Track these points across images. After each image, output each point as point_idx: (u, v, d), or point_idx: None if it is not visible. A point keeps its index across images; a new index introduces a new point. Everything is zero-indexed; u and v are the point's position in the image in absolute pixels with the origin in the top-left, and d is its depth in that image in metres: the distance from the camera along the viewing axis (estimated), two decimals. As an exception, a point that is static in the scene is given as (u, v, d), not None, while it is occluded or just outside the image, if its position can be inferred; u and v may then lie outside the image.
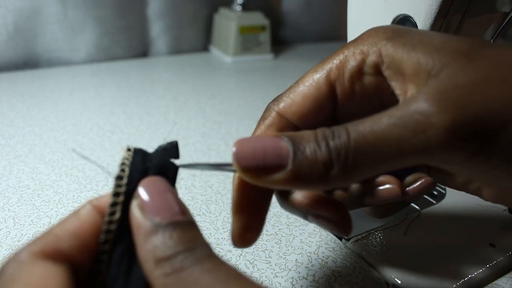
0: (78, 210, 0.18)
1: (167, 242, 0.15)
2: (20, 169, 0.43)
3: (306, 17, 1.01)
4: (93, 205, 0.18)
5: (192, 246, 0.15)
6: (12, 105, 0.59)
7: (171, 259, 0.15)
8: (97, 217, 0.18)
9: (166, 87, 0.69)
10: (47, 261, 0.15)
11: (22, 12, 0.71)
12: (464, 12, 0.31)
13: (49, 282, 0.15)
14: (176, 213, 0.16)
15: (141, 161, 0.18)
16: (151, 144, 0.50)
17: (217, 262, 0.15)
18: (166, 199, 0.17)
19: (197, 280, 0.15)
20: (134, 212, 0.17)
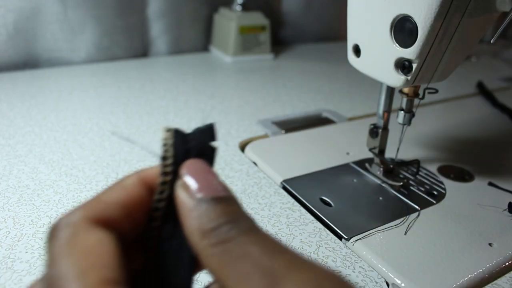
0: (123, 180, 0.18)
1: (210, 214, 0.16)
2: (20, 169, 0.43)
3: (306, 17, 1.01)
4: (139, 177, 0.18)
5: (236, 218, 0.16)
6: (12, 105, 0.59)
7: (216, 230, 0.16)
8: (142, 189, 0.18)
9: (166, 87, 0.69)
10: (100, 228, 0.16)
11: (22, 12, 0.71)
12: (464, 12, 0.31)
13: (104, 250, 0.15)
14: (217, 190, 0.17)
15: (182, 142, 0.19)
16: (151, 144, 0.50)
17: (262, 234, 0.16)
18: (207, 178, 0.17)
19: (245, 250, 0.15)
20: (178, 192, 0.17)
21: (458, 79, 0.82)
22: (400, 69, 0.34)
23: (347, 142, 0.52)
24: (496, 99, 0.70)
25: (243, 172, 0.44)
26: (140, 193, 0.18)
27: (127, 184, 0.18)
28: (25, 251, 0.32)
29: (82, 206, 0.16)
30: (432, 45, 0.32)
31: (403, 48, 0.33)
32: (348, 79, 0.78)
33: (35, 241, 0.33)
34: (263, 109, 0.62)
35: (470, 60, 0.95)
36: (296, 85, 0.73)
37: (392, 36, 0.34)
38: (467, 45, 0.34)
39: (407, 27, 0.32)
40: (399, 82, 0.35)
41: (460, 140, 0.56)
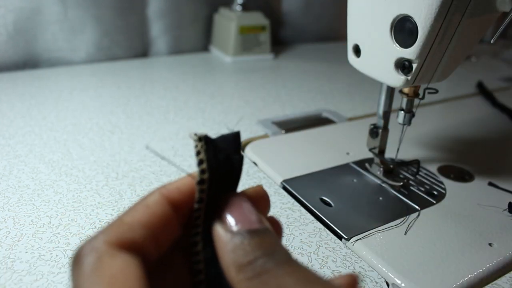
0: (146, 198, 0.17)
1: (246, 248, 0.16)
2: (20, 169, 0.43)
3: (306, 17, 1.01)
4: (162, 194, 0.18)
5: (271, 250, 0.16)
6: (12, 105, 0.59)
7: (252, 264, 0.16)
8: (166, 207, 0.17)
9: (166, 87, 0.69)
10: (124, 252, 0.15)
11: (22, 12, 0.71)
12: (464, 12, 0.31)
13: (130, 276, 0.15)
14: (253, 222, 0.17)
15: (214, 155, 0.18)
16: (151, 144, 0.50)
17: (297, 265, 0.16)
18: (242, 211, 0.17)
19: (280, 282, 0.15)
20: (215, 227, 0.17)
21: (458, 79, 0.82)
22: (400, 69, 0.34)
23: (347, 142, 0.52)
24: (496, 99, 0.70)
25: (243, 172, 0.44)
26: (163, 211, 0.17)
27: (150, 203, 0.17)
28: (25, 251, 0.32)
29: (105, 230, 0.16)
30: (432, 45, 0.32)
31: (403, 48, 0.33)
32: (348, 79, 0.78)
33: (35, 241, 0.33)
34: (263, 109, 0.62)
35: (470, 60, 0.95)
36: (296, 85, 0.73)
37: (392, 36, 0.34)
38: (467, 45, 0.34)
39: (407, 27, 0.32)
40: (399, 82, 0.35)
41: (460, 140, 0.56)
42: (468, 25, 0.32)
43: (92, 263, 0.15)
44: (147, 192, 0.18)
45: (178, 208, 0.18)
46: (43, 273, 0.30)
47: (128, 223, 0.16)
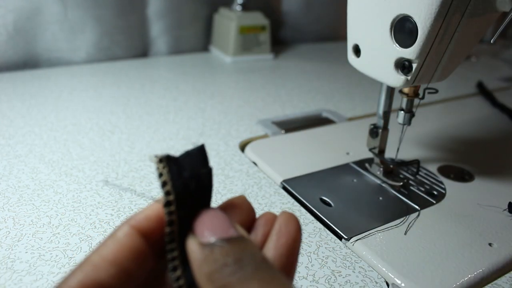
0: (115, 233, 0.17)
1: (215, 257, 0.16)
2: (20, 169, 0.43)
3: (306, 17, 1.01)
4: (131, 226, 0.17)
5: (240, 259, 0.16)
6: (12, 105, 0.59)
7: (220, 274, 0.15)
8: (137, 239, 0.17)
9: (166, 87, 0.69)
10: None
11: (22, 12, 0.71)
12: (464, 12, 0.31)
13: None
14: (223, 231, 0.17)
15: (177, 173, 0.18)
16: (151, 144, 0.50)
17: (265, 275, 0.15)
18: (213, 220, 0.17)
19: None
20: (188, 243, 0.17)
21: (458, 79, 0.82)
22: (400, 69, 0.34)
23: (347, 142, 0.52)
24: (496, 99, 0.70)
25: (243, 172, 0.44)
26: (133, 243, 0.17)
27: (119, 236, 0.17)
28: (25, 251, 0.32)
29: (69, 275, 0.16)
30: (432, 45, 0.32)
31: (403, 48, 0.33)
32: (348, 79, 0.78)
33: (35, 241, 0.33)
34: (263, 109, 0.62)
35: (470, 60, 0.95)
36: (296, 85, 0.73)
37: (392, 36, 0.34)
38: (467, 45, 0.34)
39: (407, 27, 0.32)
40: (399, 82, 0.35)
41: (460, 140, 0.56)
42: (468, 25, 0.32)
43: None
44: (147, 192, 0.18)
45: (150, 237, 0.17)
46: (43, 273, 0.30)
47: (92, 262, 0.16)
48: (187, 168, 0.18)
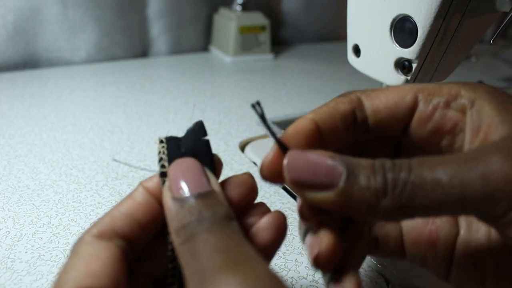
0: (132, 192, 0.20)
1: (183, 212, 0.17)
2: (20, 169, 0.43)
3: (306, 17, 1.01)
4: (144, 187, 0.20)
5: (204, 214, 0.17)
6: (12, 105, 0.59)
7: (185, 228, 0.17)
8: (147, 197, 0.20)
9: (166, 87, 0.69)
10: (101, 239, 0.18)
11: (22, 12, 0.71)
12: (463, 12, 0.31)
13: (101, 255, 0.18)
14: (196, 187, 0.18)
15: (176, 148, 0.20)
16: (151, 144, 0.50)
17: (223, 229, 0.17)
18: (188, 176, 0.18)
19: (198, 250, 0.16)
20: (163, 193, 0.19)
21: (458, 79, 0.81)
22: (400, 69, 0.34)
23: (347, 142, 0.52)
24: (496, 99, 0.70)
25: (243, 172, 0.44)
26: (145, 200, 0.20)
27: (134, 196, 0.20)
28: (25, 251, 0.32)
29: (92, 225, 0.19)
30: (432, 45, 0.32)
31: (403, 48, 0.33)
32: (348, 79, 0.78)
33: (34, 241, 0.33)
34: (263, 109, 0.62)
35: (470, 60, 0.95)
36: (296, 85, 0.73)
37: (392, 36, 0.34)
38: (467, 45, 0.35)
39: (407, 27, 0.32)
40: (399, 82, 0.35)
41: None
42: (468, 25, 0.32)
43: (76, 250, 0.18)
44: None
45: (160, 197, 0.20)
46: (43, 273, 0.30)
47: (111, 215, 0.19)
48: (186, 144, 0.20)
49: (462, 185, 0.16)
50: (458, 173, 0.16)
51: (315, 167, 0.17)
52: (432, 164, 0.16)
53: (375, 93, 0.22)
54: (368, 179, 0.17)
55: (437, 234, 0.22)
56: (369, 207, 0.17)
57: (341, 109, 0.22)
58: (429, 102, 0.21)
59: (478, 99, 0.19)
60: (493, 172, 0.16)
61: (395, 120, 0.21)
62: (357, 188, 0.17)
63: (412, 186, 0.16)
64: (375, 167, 0.17)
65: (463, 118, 0.20)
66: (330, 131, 0.21)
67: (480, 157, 0.16)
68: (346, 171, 0.17)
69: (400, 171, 0.16)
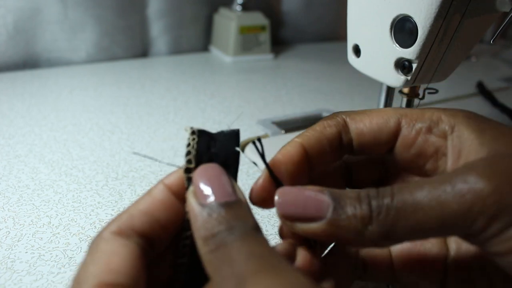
0: (151, 189, 0.20)
1: (211, 221, 0.17)
2: (20, 169, 0.43)
3: (306, 17, 1.01)
4: (164, 184, 0.20)
5: (234, 224, 0.17)
6: (12, 105, 0.59)
7: (215, 237, 0.17)
8: (168, 194, 0.20)
9: (166, 87, 0.69)
10: (120, 237, 0.18)
11: (22, 12, 0.71)
12: (464, 12, 0.31)
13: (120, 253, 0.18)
14: (223, 195, 0.18)
15: (206, 145, 0.19)
16: (151, 144, 0.50)
17: (255, 239, 0.17)
18: (215, 184, 0.18)
19: (232, 257, 0.16)
20: (188, 197, 0.18)
21: (458, 79, 0.82)
22: (400, 69, 0.34)
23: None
24: (496, 99, 0.70)
25: (243, 172, 0.44)
26: (165, 198, 0.20)
27: (153, 193, 0.20)
28: (25, 251, 0.32)
29: (110, 221, 0.19)
30: (432, 45, 0.32)
31: (403, 48, 0.33)
32: (348, 79, 0.78)
33: (35, 241, 0.33)
34: (263, 109, 0.62)
35: (470, 60, 0.95)
36: (296, 85, 0.73)
37: (392, 36, 0.34)
38: (467, 45, 0.34)
39: (407, 27, 0.32)
40: (399, 82, 0.35)
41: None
42: (468, 25, 0.32)
43: (95, 247, 0.18)
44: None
45: (180, 194, 0.20)
46: (43, 273, 0.30)
47: (129, 212, 0.19)
48: (217, 146, 0.20)
49: (440, 206, 0.17)
50: (435, 194, 0.17)
51: (304, 202, 0.18)
52: (412, 188, 0.17)
53: (359, 116, 0.23)
54: (354, 208, 0.18)
55: (426, 257, 0.22)
56: (356, 234, 0.18)
57: (327, 133, 0.23)
58: (412, 127, 0.22)
59: (457, 125, 0.21)
60: (468, 190, 0.16)
61: (378, 143, 0.23)
62: (344, 217, 0.18)
63: (395, 211, 0.17)
64: (361, 196, 0.18)
65: (445, 143, 0.21)
66: (317, 154, 0.22)
67: (455, 178, 0.17)
68: (333, 203, 0.18)
69: (383, 198, 0.17)
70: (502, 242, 0.16)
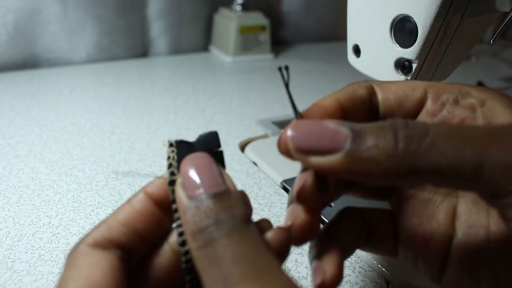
0: (131, 198, 0.19)
1: (200, 214, 0.16)
2: (20, 169, 0.43)
3: (306, 17, 1.01)
4: (146, 193, 0.19)
5: (222, 217, 0.16)
6: (12, 105, 0.59)
7: (202, 232, 0.16)
8: (148, 204, 0.19)
9: (166, 87, 0.69)
10: (98, 249, 0.18)
11: (22, 12, 0.71)
12: (464, 12, 0.31)
13: (99, 265, 0.17)
14: (212, 185, 0.17)
15: (187, 154, 0.19)
16: (151, 144, 0.50)
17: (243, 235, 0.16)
18: (204, 173, 0.17)
19: (218, 255, 0.15)
20: (176, 190, 0.18)
21: (458, 79, 0.81)
22: (400, 69, 0.34)
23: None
24: (496, 99, 0.70)
25: (243, 172, 0.44)
26: (145, 207, 0.19)
27: (133, 202, 0.19)
28: (25, 251, 0.32)
29: (87, 234, 0.18)
30: (432, 45, 0.32)
31: (403, 48, 0.33)
32: (348, 79, 0.77)
33: (35, 241, 0.33)
34: (263, 109, 0.62)
35: (470, 60, 0.95)
36: (296, 85, 0.73)
37: (392, 36, 0.34)
38: (467, 45, 0.35)
39: (407, 27, 0.32)
40: (399, 82, 0.35)
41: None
42: (468, 25, 0.32)
43: (71, 261, 0.18)
44: None
45: (163, 203, 0.19)
46: (43, 273, 0.30)
47: (107, 223, 0.19)
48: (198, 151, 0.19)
49: (481, 154, 0.15)
50: (481, 142, 0.16)
51: (318, 133, 0.17)
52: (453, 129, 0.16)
53: (387, 83, 0.22)
54: (377, 138, 0.16)
55: (432, 235, 0.22)
56: (377, 167, 0.16)
57: (359, 93, 0.22)
58: (438, 98, 0.21)
59: (488, 99, 0.20)
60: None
61: (403, 111, 0.22)
62: (365, 148, 0.16)
63: (430, 142, 0.16)
64: (385, 126, 0.17)
65: (471, 115, 0.20)
66: (351, 112, 0.21)
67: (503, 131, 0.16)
68: (351, 134, 0.17)
69: (414, 129, 0.16)
70: None
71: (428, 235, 0.22)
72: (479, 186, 0.16)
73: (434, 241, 0.22)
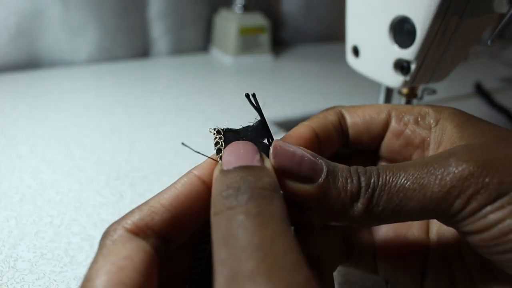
0: (178, 180, 0.19)
1: (223, 184, 0.16)
2: (22, 169, 0.43)
3: (306, 18, 1.02)
4: (193, 174, 0.19)
5: (241, 189, 0.16)
6: (14, 105, 0.59)
7: (219, 199, 0.16)
8: (197, 186, 0.18)
9: (166, 87, 0.69)
10: (136, 238, 0.17)
11: (24, 13, 0.71)
12: (462, 13, 0.31)
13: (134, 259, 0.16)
14: (245, 160, 0.17)
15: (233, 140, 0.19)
16: (152, 144, 0.50)
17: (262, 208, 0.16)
18: (240, 152, 0.18)
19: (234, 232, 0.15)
20: (215, 171, 0.18)
21: (456, 79, 0.82)
22: (399, 69, 0.35)
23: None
24: (494, 99, 0.70)
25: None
26: (193, 191, 0.18)
27: (179, 185, 0.18)
28: (27, 250, 0.33)
29: (129, 214, 0.17)
30: (431, 46, 0.32)
31: (402, 49, 0.33)
32: (348, 79, 0.78)
33: (37, 241, 0.34)
34: (263, 109, 0.62)
35: (468, 60, 0.95)
36: (296, 86, 0.74)
37: (391, 37, 0.34)
38: (465, 46, 0.35)
39: (405, 28, 0.33)
40: (398, 82, 0.35)
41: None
42: (466, 26, 0.33)
43: (107, 247, 0.17)
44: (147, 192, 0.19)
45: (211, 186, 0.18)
46: (45, 272, 0.31)
47: (150, 206, 0.18)
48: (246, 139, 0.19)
49: (422, 188, 0.17)
50: (418, 177, 0.18)
51: (300, 159, 0.18)
52: (396, 170, 0.18)
53: (354, 108, 0.25)
54: (345, 181, 0.18)
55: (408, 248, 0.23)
56: (342, 208, 0.18)
57: (330, 119, 0.24)
58: (401, 119, 0.23)
59: (442, 119, 0.22)
60: (449, 173, 0.17)
61: (370, 133, 0.24)
62: (335, 187, 0.18)
63: (379, 191, 0.18)
64: (352, 171, 0.18)
65: (430, 134, 0.22)
66: (325, 138, 0.23)
67: (437, 161, 0.18)
68: (326, 170, 0.18)
69: (370, 177, 0.18)
70: (474, 221, 0.17)
71: (405, 248, 0.23)
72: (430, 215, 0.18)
73: (411, 253, 0.23)
